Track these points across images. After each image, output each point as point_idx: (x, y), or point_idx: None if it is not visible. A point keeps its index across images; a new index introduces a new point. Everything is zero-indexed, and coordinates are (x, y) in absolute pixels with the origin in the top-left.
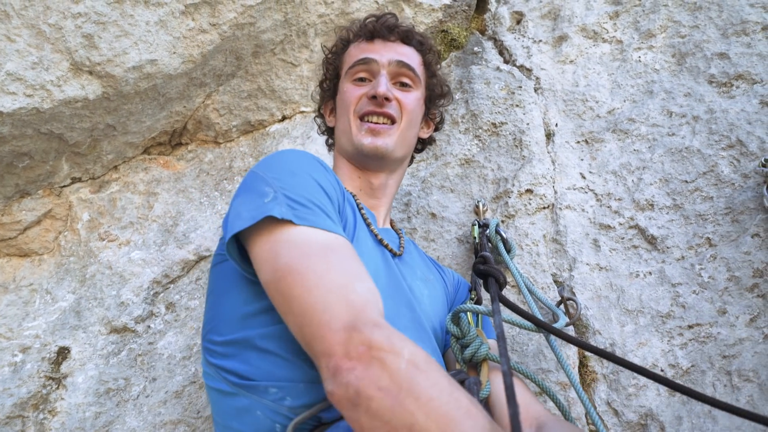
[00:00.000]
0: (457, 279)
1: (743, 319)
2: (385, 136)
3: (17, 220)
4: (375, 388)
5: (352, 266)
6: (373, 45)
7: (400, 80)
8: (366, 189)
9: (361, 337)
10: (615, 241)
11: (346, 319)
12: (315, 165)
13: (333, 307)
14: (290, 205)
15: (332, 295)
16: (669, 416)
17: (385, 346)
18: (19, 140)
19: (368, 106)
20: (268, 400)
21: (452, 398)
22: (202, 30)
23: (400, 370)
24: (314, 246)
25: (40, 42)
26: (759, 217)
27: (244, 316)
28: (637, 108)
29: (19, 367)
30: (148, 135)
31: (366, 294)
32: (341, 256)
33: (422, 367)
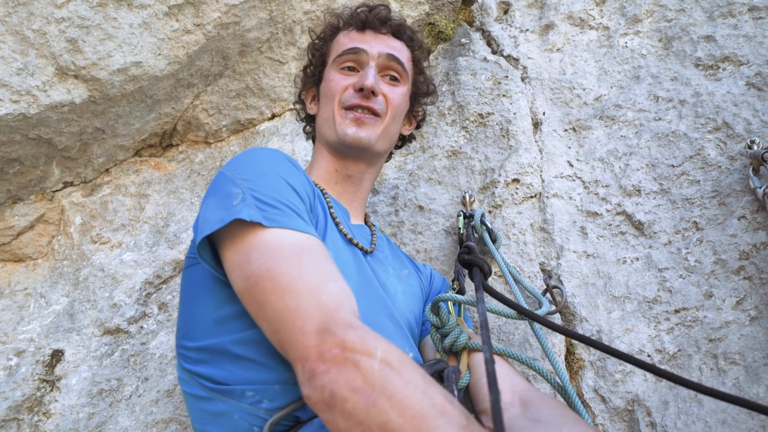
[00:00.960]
0: (431, 272)
1: (729, 302)
2: (369, 128)
3: (10, 226)
4: (349, 389)
5: (324, 267)
6: (364, 35)
7: (388, 73)
8: (342, 180)
9: (334, 339)
10: (602, 228)
11: (319, 322)
12: (285, 164)
13: (306, 310)
14: (259, 206)
15: (304, 298)
16: (655, 401)
17: (358, 346)
18: (8, 146)
19: (354, 98)
20: (245, 404)
21: (426, 396)
22: (187, 31)
23: (374, 371)
24: (285, 249)
25: (24, 48)
26: (745, 199)
27: (216, 320)
28: (623, 94)
29: (14, 371)
30: (138, 137)
31: (339, 295)
32: (313, 256)
33: (396, 365)
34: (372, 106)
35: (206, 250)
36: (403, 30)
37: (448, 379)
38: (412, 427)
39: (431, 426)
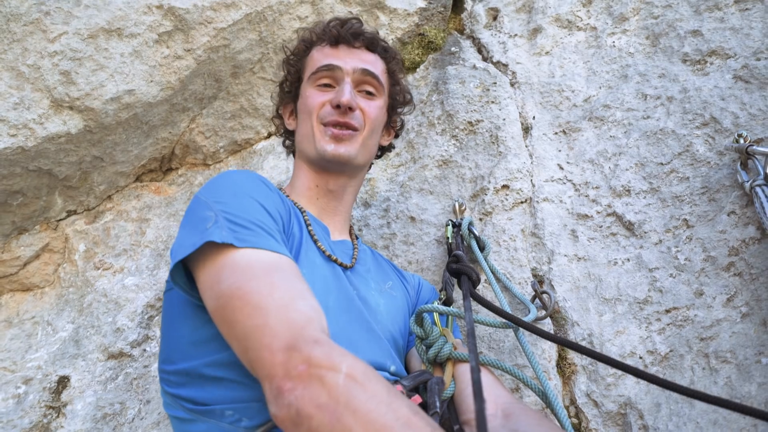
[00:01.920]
0: (419, 282)
1: (720, 299)
2: (348, 144)
3: (17, 256)
4: (314, 406)
5: (294, 285)
6: (338, 51)
7: (364, 88)
8: (323, 195)
9: (300, 355)
10: (593, 230)
11: (287, 339)
12: (257, 185)
13: (274, 328)
14: (231, 228)
15: (273, 316)
16: (648, 403)
17: (323, 362)
18: (9, 179)
19: (332, 115)
20: (225, 423)
21: (390, 409)
22: (178, 56)
23: (338, 386)
24: (256, 268)
25: (20, 83)
26: (734, 194)
27: (193, 343)
28: (612, 94)
29: (22, 399)
30: (138, 163)
31: (308, 311)
32: (284, 275)
33: (360, 379)
34: (350, 121)
35: (180, 274)
36: (376, 43)
37: (431, 390)
38: None
39: None
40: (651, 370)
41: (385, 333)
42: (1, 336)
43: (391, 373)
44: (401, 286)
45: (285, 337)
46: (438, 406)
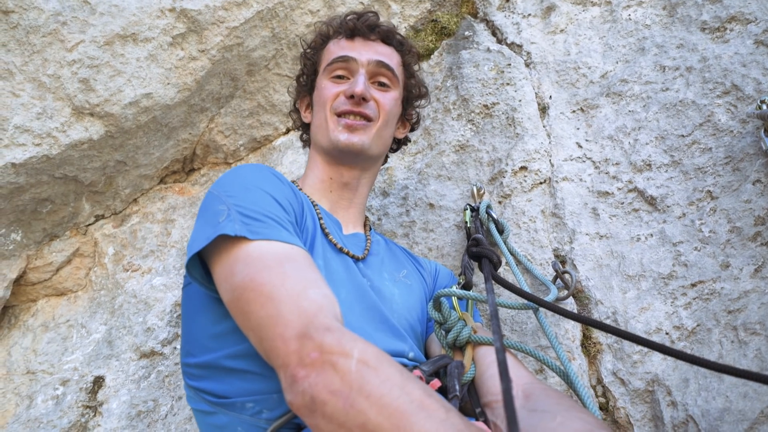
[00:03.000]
0: (435, 268)
1: (747, 270)
2: (362, 133)
3: (49, 262)
4: (327, 392)
5: (306, 274)
6: (353, 43)
7: (378, 80)
8: (337, 188)
9: (313, 343)
10: (614, 207)
11: (299, 328)
12: (269, 177)
13: (286, 317)
14: (243, 221)
15: (285, 305)
16: (675, 379)
17: (335, 348)
18: (37, 187)
19: (345, 105)
20: (246, 416)
21: (404, 392)
22: (192, 57)
23: (351, 371)
24: (269, 259)
25: (42, 93)
26: (759, 162)
27: (213, 336)
28: (629, 68)
29: (61, 400)
30: (160, 165)
31: (320, 300)
32: (296, 265)
33: (372, 364)
34: (363, 111)
35: (197, 269)
36: (392, 36)
37: (450, 374)
38: (391, 425)
39: (410, 422)
40: (678, 345)
41: (401, 321)
42: (39, 340)
43: (410, 359)
44: (417, 273)
45: (297, 326)
46: (458, 389)
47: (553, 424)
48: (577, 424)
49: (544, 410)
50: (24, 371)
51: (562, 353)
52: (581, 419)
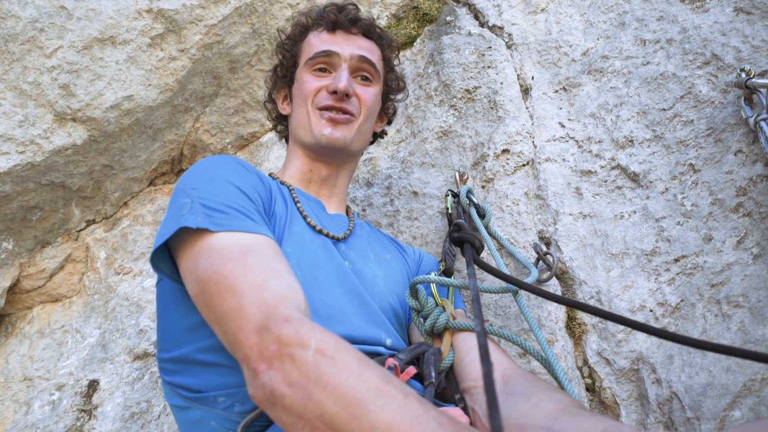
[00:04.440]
0: (419, 255)
1: (730, 242)
2: (344, 128)
3: (42, 269)
4: (286, 384)
5: (270, 265)
6: (335, 37)
7: (360, 74)
8: (316, 181)
9: (271, 335)
10: (597, 185)
11: (259, 320)
12: (234, 167)
13: (247, 310)
14: (206, 212)
15: (246, 297)
16: (660, 357)
17: (293, 340)
18: (24, 195)
19: (327, 100)
20: (219, 410)
21: (360, 380)
22: (173, 58)
23: (308, 362)
24: (231, 251)
25: (23, 101)
26: (740, 132)
27: (185, 330)
28: (610, 43)
29: (57, 405)
30: (148, 167)
31: (282, 290)
32: (259, 256)
33: (330, 353)
34: (346, 107)
35: (165, 263)
36: (373, 30)
37: (427, 361)
38: (347, 414)
39: (366, 410)
40: (662, 321)
41: (383, 305)
42: (35, 347)
43: (387, 347)
44: (401, 258)
45: (257, 318)
46: (433, 376)
47: (528, 405)
48: (550, 404)
49: (519, 392)
50: (21, 378)
51: (540, 336)
52: (554, 399)
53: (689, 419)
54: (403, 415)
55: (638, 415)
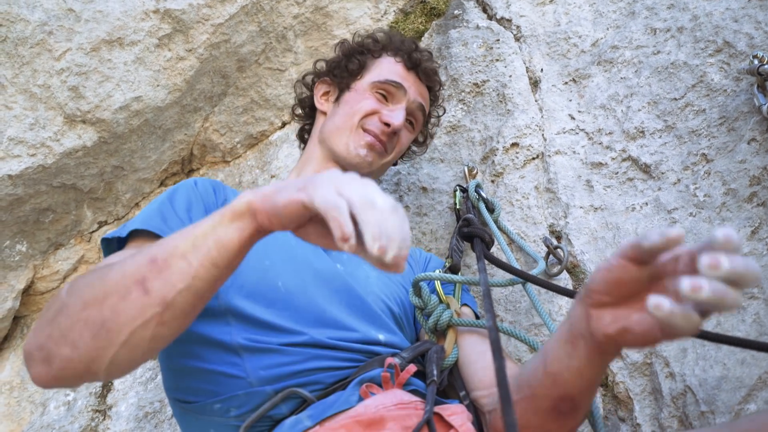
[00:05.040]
0: (426, 258)
1: (744, 233)
2: (376, 156)
3: (56, 271)
4: (46, 323)
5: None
6: (408, 74)
7: (410, 119)
8: None
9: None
10: (608, 177)
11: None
12: (182, 190)
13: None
14: (124, 224)
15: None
16: (674, 350)
17: (45, 307)
18: (36, 198)
19: (376, 127)
20: (216, 416)
21: (101, 268)
22: (180, 57)
23: (60, 297)
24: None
25: (33, 104)
26: (753, 120)
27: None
28: (620, 33)
29: (72, 405)
30: (159, 168)
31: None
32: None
33: (77, 278)
34: (387, 143)
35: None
36: (436, 86)
37: (429, 359)
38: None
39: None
40: None
41: (378, 303)
42: None
43: (382, 343)
44: None
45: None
46: (435, 374)
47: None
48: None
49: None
50: None
51: (553, 329)
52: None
53: (703, 413)
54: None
55: (652, 410)
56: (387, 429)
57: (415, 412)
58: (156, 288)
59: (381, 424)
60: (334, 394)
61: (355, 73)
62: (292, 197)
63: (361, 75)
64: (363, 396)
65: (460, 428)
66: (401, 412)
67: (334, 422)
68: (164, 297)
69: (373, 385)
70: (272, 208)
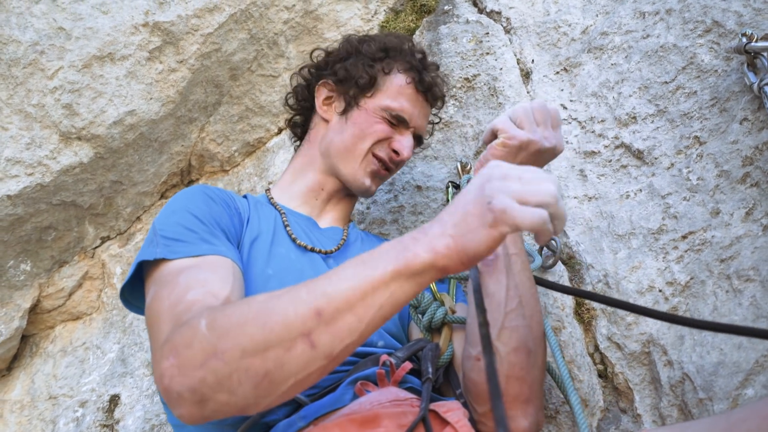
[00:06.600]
0: None
1: (738, 214)
2: (378, 182)
3: (60, 288)
4: (196, 366)
5: (199, 276)
6: (416, 97)
7: (416, 134)
8: (323, 198)
9: (169, 345)
10: (602, 166)
11: (165, 338)
12: (196, 197)
13: (160, 333)
14: (165, 243)
15: (162, 321)
16: (671, 337)
17: (185, 335)
18: (37, 216)
19: (385, 153)
20: (210, 424)
21: (247, 303)
22: (172, 69)
23: (203, 335)
24: (172, 274)
25: (29, 123)
26: (745, 99)
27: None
28: (609, 19)
29: (81, 421)
30: (158, 180)
31: (195, 298)
32: (192, 272)
33: (217, 312)
34: (393, 169)
35: (139, 298)
36: (439, 105)
37: (424, 357)
38: (259, 324)
39: (271, 307)
40: (672, 301)
41: None
42: (58, 365)
43: (380, 347)
44: None
45: (165, 334)
46: (430, 372)
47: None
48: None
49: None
50: (47, 397)
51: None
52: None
53: (702, 400)
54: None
55: (652, 400)
56: (382, 427)
57: (410, 410)
58: (323, 343)
59: (376, 422)
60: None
61: (365, 90)
62: (492, 236)
63: (372, 94)
64: (358, 394)
65: (456, 424)
66: (396, 409)
67: (327, 421)
68: (331, 352)
69: (369, 383)
70: (470, 256)
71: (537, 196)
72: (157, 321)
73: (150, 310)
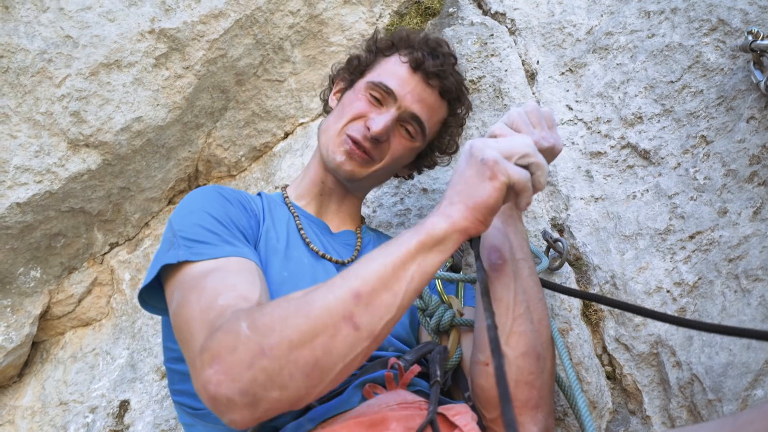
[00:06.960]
0: None
1: (746, 214)
2: (356, 165)
3: (70, 295)
4: (244, 367)
5: (227, 280)
6: (410, 77)
7: (405, 126)
8: (326, 193)
9: (209, 354)
10: (608, 166)
11: (201, 343)
12: (212, 197)
13: (196, 337)
14: (187, 245)
15: (195, 323)
16: (679, 338)
17: (225, 339)
18: (46, 223)
19: (359, 132)
20: (220, 424)
21: (287, 299)
22: (178, 76)
23: (245, 335)
24: (197, 277)
25: (37, 131)
26: (751, 98)
27: (176, 359)
28: (614, 19)
29: (91, 427)
30: (165, 186)
31: (227, 303)
32: (219, 275)
33: (258, 311)
34: (369, 149)
35: (158, 299)
36: (451, 91)
37: (432, 359)
38: (302, 318)
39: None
40: (680, 302)
41: None
42: (69, 371)
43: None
44: None
45: (200, 343)
46: (438, 375)
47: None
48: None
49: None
50: (57, 403)
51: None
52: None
53: (711, 401)
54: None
55: (661, 401)
56: (390, 430)
57: (418, 412)
58: (365, 323)
59: (384, 425)
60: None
61: (360, 71)
62: (494, 187)
63: (363, 73)
64: (366, 396)
65: (465, 428)
66: (404, 411)
67: (335, 424)
68: (373, 331)
69: (377, 386)
70: (483, 212)
71: (517, 147)
72: (188, 328)
73: (178, 316)
